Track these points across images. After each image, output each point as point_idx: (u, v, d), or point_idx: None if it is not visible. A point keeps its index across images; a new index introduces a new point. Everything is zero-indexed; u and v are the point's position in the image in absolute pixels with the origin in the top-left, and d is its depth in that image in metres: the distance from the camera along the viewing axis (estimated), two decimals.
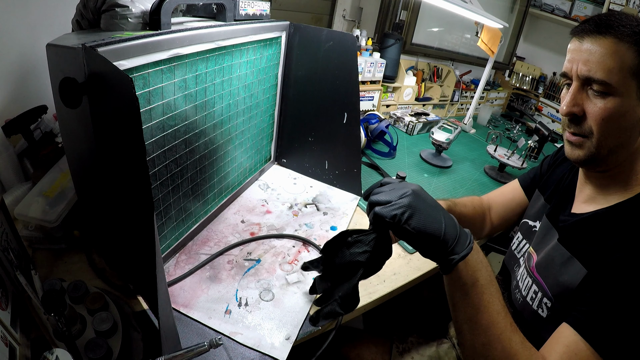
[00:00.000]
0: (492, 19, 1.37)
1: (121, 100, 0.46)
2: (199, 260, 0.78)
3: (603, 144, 0.58)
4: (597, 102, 0.56)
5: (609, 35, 0.55)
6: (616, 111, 0.55)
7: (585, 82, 0.57)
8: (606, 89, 0.55)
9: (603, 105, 0.56)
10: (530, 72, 2.38)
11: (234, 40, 0.78)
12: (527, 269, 0.71)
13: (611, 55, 0.54)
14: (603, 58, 0.55)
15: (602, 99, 0.56)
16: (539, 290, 0.66)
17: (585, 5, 2.12)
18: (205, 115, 0.77)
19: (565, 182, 0.76)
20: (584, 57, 0.57)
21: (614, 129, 0.57)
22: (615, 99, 0.55)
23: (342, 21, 1.79)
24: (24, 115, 0.86)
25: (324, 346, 0.66)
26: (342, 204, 1.07)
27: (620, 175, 0.62)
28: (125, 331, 0.58)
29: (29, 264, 0.60)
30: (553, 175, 0.81)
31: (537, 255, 0.70)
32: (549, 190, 0.79)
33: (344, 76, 0.98)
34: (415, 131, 1.71)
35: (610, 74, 0.54)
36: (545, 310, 0.64)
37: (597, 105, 0.56)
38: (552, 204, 0.75)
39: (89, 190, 0.66)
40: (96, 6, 0.60)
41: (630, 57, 0.53)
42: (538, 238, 0.73)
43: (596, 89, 0.56)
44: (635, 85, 0.54)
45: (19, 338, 0.51)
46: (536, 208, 0.80)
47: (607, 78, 0.54)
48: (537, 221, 0.78)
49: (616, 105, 0.55)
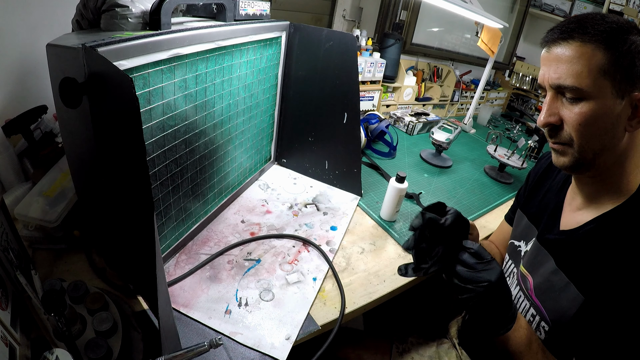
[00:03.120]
0: (492, 19, 1.37)
1: (121, 100, 0.46)
2: (199, 260, 0.78)
3: (586, 148, 0.57)
4: (572, 108, 0.56)
5: (572, 40, 0.54)
6: (592, 114, 0.54)
7: (558, 90, 0.57)
8: (578, 94, 0.54)
9: (578, 111, 0.55)
10: (530, 72, 2.38)
11: (234, 40, 0.78)
12: (524, 292, 0.71)
13: (578, 59, 0.53)
14: (570, 63, 0.54)
15: (577, 105, 0.55)
16: (537, 314, 0.66)
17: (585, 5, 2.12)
18: (205, 115, 0.77)
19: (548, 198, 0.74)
20: (553, 65, 0.56)
21: (594, 132, 0.56)
22: (590, 102, 0.54)
23: (342, 21, 1.79)
24: (24, 115, 0.86)
25: (324, 346, 0.66)
26: (342, 204, 1.07)
27: (611, 179, 0.60)
28: (125, 331, 0.58)
29: (29, 264, 0.60)
30: (537, 194, 0.79)
31: (533, 278, 0.69)
32: (532, 209, 0.78)
33: (344, 76, 0.98)
34: (415, 131, 1.71)
35: (580, 78, 0.53)
36: (542, 333, 0.64)
37: (573, 112, 0.55)
38: (541, 224, 0.73)
39: (89, 190, 0.66)
40: (96, 6, 0.60)
41: (598, 57, 0.52)
42: (529, 259, 0.72)
43: (569, 95, 0.55)
44: (610, 84, 0.53)
45: (19, 338, 0.51)
46: (520, 228, 0.79)
47: (577, 83, 0.54)
48: (522, 241, 0.77)
49: (591, 108, 0.54)
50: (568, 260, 0.62)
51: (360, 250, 0.92)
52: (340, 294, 0.77)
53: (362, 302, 0.78)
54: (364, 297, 0.79)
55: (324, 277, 0.81)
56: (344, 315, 0.73)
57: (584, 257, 0.60)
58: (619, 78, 0.53)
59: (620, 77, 0.52)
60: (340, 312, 0.73)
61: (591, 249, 0.60)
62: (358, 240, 0.95)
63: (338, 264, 0.86)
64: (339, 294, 0.78)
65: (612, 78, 0.53)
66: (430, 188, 1.27)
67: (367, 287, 0.81)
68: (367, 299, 0.78)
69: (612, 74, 0.52)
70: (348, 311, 0.75)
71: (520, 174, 1.53)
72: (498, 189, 1.38)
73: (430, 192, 1.25)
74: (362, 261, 0.88)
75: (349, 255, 0.90)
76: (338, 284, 0.80)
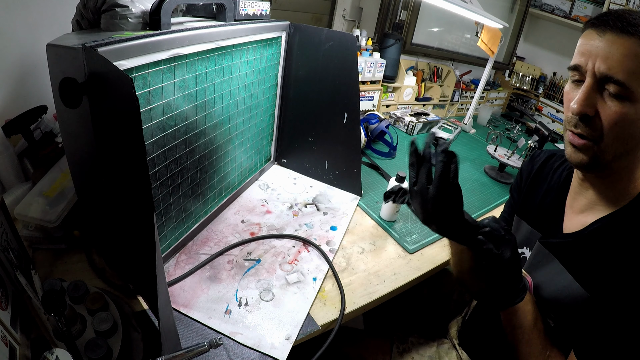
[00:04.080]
0: (492, 19, 1.37)
1: (121, 100, 0.46)
2: (199, 260, 0.78)
3: (610, 149, 0.55)
4: (613, 105, 0.52)
5: (632, 36, 0.50)
6: (631, 117, 0.52)
7: (602, 80, 0.53)
8: (624, 92, 0.51)
9: (619, 109, 0.52)
10: (530, 72, 2.38)
11: (234, 40, 0.78)
12: None
13: (634, 57, 0.50)
14: (625, 58, 0.50)
15: (619, 102, 0.52)
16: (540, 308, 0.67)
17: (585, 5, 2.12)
18: (205, 115, 0.77)
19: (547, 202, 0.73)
20: (604, 53, 0.52)
21: (625, 135, 0.53)
22: (633, 105, 0.51)
23: (342, 21, 1.79)
24: (24, 115, 0.86)
25: (324, 346, 0.66)
26: (342, 204, 1.07)
27: (619, 182, 0.60)
28: (125, 331, 0.58)
29: (29, 264, 0.60)
30: (533, 197, 0.77)
31: (533, 277, 0.69)
32: (531, 214, 0.76)
33: (344, 76, 0.98)
34: (415, 131, 1.71)
35: (631, 77, 0.50)
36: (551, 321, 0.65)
37: (612, 109, 0.52)
38: (543, 229, 0.72)
39: (89, 190, 0.66)
40: (96, 6, 0.60)
41: None
42: (529, 261, 0.72)
43: (613, 90, 0.52)
44: None
45: (19, 338, 0.51)
46: (521, 234, 0.77)
47: (627, 81, 0.50)
48: (525, 247, 0.75)
49: (632, 111, 0.51)
50: (574, 261, 0.62)
51: (360, 250, 0.92)
52: (340, 294, 0.77)
53: (362, 302, 0.78)
54: (364, 297, 0.79)
55: (324, 277, 0.81)
56: (344, 315, 0.73)
57: (591, 256, 0.60)
58: None
59: None
60: (340, 312, 0.73)
61: (598, 247, 0.59)
62: (358, 240, 0.95)
63: (338, 264, 0.86)
64: (339, 294, 0.78)
65: None
66: None
67: (367, 287, 0.81)
68: (367, 299, 0.78)
69: None
70: (348, 311, 0.75)
71: None
72: (498, 189, 1.38)
73: None
74: (362, 261, 0.88)
75: (349, 255, 0.90)
76: (338, 284, 0.80)
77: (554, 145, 1.95)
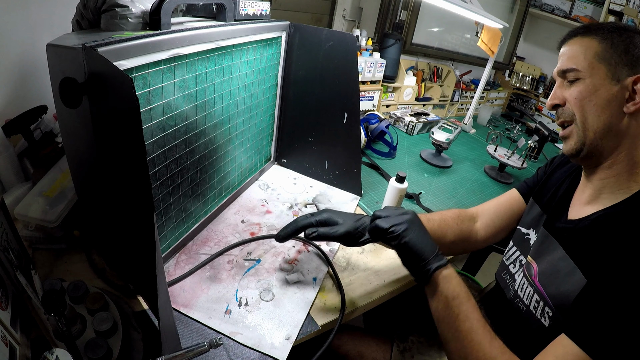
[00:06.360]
0: (492, 19, 1.37)
1: (121, 100, 0.46)
2: (199, 260, 0.78)
3: (587, 126, 0.62)
4: (572, 88, 0.64)
5: (576, 36, 0.65)
6: (587, 90, 0.61)
7: (561, 76, 0.65)
8: (575, 74, 0.63)
9: (576, 89, 0.63)
10: (530, 72, 2.38)
11: (234, 40, 0.78)
12: (527, 279, 0.71)
13: (577, 47, 0.64)
14: (572, 52, 0.64)
15: (575, 85, 0.63)
16: (540, 299, 0.66)
17: (585, 5, 2.12)
18: (205, 115, 0.77)
19: (561, 189, 0.76)
20: (560, 59, 0.67)
21: (590, 108, 0.62)
22: (585, 81, 0.62)
23: (342, 21, 1.79)
24: (24, 115, 0.86)
25: (324, 346, 0.66)
26: (342, 204, 1.07)
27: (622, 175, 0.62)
28: (125, 331, 0.58)
29: (29, 264, 0.60)
30: (548, 183, 0.81)
31: (538, 264, 0.70)
32: (544, 198, 0.78)
33: (344, 76, 0.98)
34: (415, 131, 1.71)
35: (577, 61, 0.63)
36: (547, 319, 0.65)
37: (571, 90, 0.64)
38: (549, 213, 0.74)
39: (89, 190, 0.66)
40: (96, 6, 0.60)
41: (594, 45, 0.62)
42: (535, 247, 0.73)
43: (568, 77, 0.64)
44: (605, 68, 0.60)
45: (19, 338, 0.51)
46: (531, 216, 0.79)
47: (574, 64, 0.63)
48: (532, 229, 0.77)
49: (586, 85, 0.62)
50: (576, 247, 0.64)
51: (360, 250, 0.92)
52: (340, 294, 0.77)
53: (362, 302, 0.78)
54: (364, 297, 0.79)
55: (324, 277, 0.81)
56: (344, 315, 0.73)
57: (591, 242, 0.61)
58: (614, 63, 0.60)
59: (615, 62, 0.60)
60: (340, 312, 0.73)
61: (600, 235, 0.61)
62: None
63: (338, 264, 0.86)
64: (339, 294, 0.78)
65: (607, 63, 0.60)
66: (430, 188, 1.27)
67: (367, 287, 0.81)
68: (367, 299, 0.78)
69: (607, 59, 0.60)
70: (348, 311, 0.75)
71: (520, 174, 1.53)
72: (498, 189, 1.38)
73: (430, 192, 1.25)
74: (362, 261, 0.88)
75: (349, 255, 0.90)
76: (338, 284, 0.80)
77: (554, 145, 1.96)
